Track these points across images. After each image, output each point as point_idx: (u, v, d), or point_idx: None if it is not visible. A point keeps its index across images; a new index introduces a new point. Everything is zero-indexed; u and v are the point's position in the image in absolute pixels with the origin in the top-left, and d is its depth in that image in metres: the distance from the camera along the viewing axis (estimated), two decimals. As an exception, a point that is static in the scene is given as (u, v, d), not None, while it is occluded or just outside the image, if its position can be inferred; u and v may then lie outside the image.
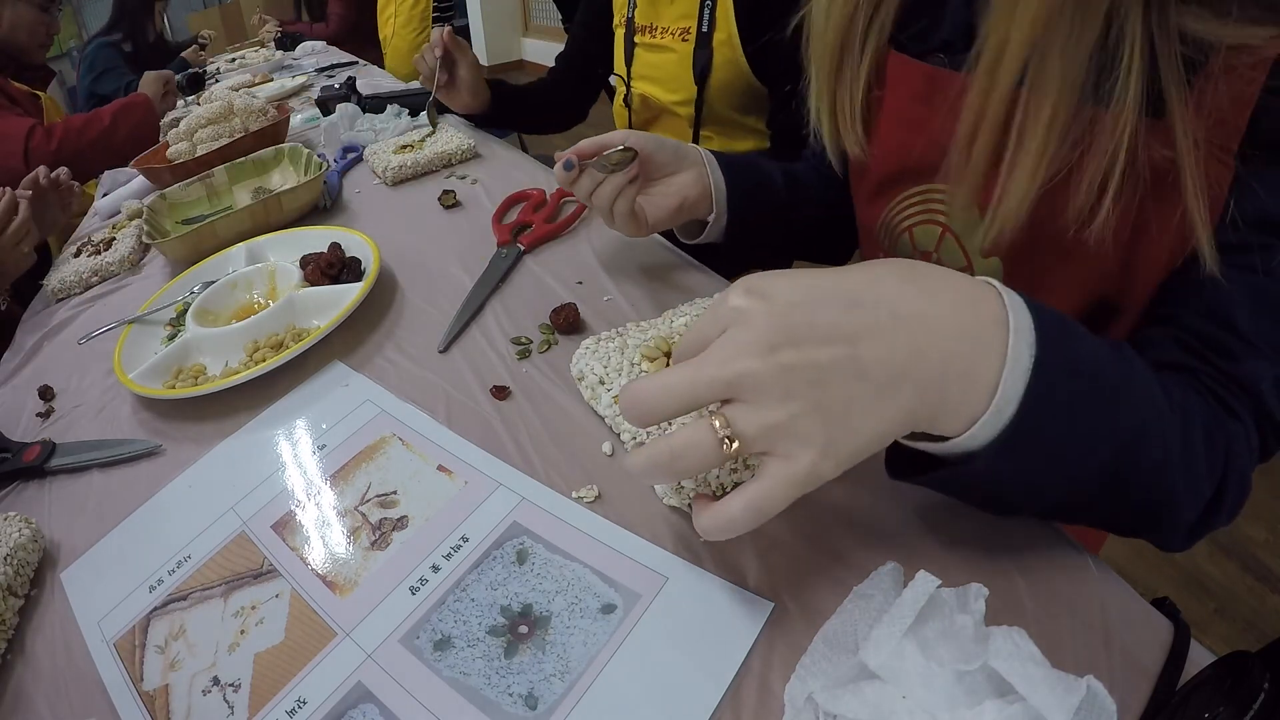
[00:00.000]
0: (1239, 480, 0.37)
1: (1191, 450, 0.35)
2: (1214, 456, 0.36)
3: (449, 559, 0.41)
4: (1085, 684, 0.26)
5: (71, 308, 0.83)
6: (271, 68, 2.01)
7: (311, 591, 0.41)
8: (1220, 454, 0.37)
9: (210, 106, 1.11)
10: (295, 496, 0.48)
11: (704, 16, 0.94)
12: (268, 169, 1.01)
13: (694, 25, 0.96)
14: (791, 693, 0.31)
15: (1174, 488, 0.35)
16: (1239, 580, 1.24)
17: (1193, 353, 0.39)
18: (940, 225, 0.51)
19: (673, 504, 0.41)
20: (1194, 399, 0.37)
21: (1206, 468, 0.36)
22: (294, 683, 0.37)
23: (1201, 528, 0.38)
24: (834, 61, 0.52)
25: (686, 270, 0.66)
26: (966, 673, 0.27)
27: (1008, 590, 0.36)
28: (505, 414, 0.51)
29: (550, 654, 0.36)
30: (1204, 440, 0.36)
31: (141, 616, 0.42)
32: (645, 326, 0.53)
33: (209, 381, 0.57)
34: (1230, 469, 0.37)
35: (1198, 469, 0.35)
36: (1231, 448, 0.37)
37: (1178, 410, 0.34)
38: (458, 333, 0.61)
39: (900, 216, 0.54)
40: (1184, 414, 0.35)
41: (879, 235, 0.57)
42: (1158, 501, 0.35)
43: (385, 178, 0.95)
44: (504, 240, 0.73)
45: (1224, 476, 0.37)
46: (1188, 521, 0.37)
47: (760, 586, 0.37)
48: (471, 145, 0.97)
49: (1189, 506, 0.36)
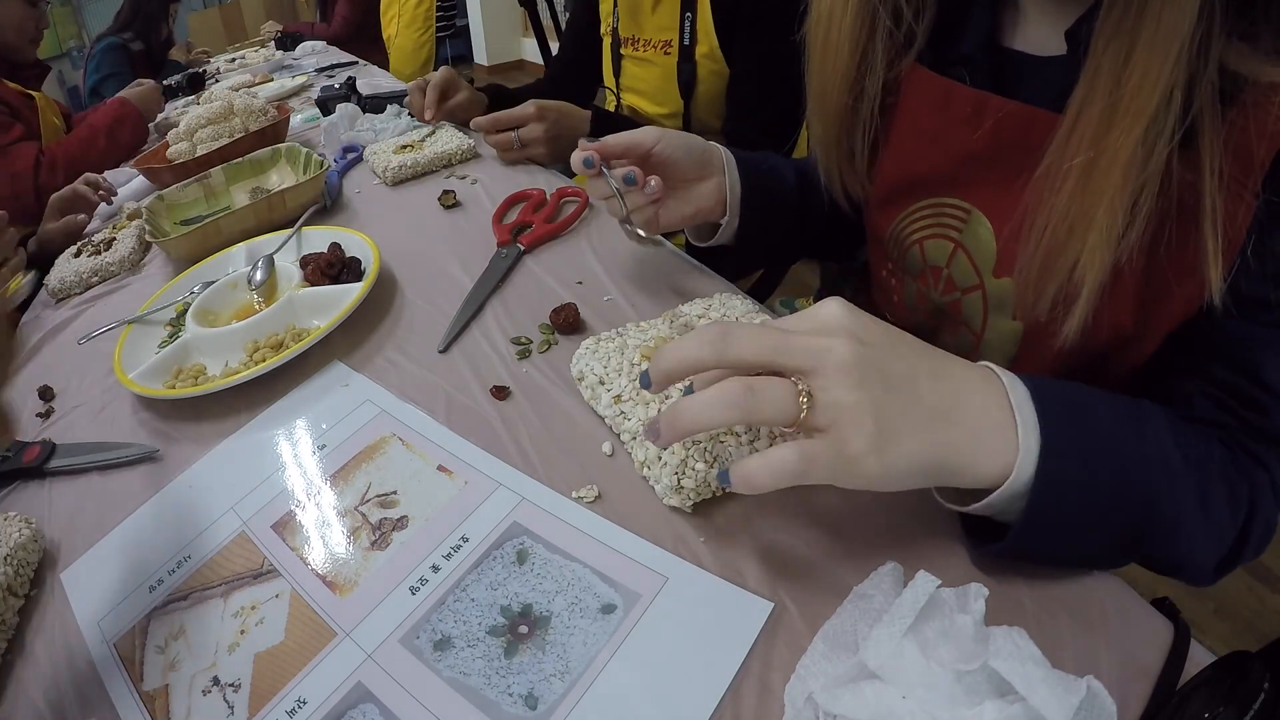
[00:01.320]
0: (1264, 524, 0.39)
1: (1209, 503, 0.37)
2: (1236, 504, 0.38)
3: (449, 559, 0.41)
4: (1085, 684, 0.26)
5: (72, 308, 0.83)
6: (271, 67, 2.01)
7: (311, 591, 0.41)
8: (1243, 502, 0.38)
9: (210, 106, 1.11)
10: (295, 496, 0.48)
11: (685, 29, 0.94)
12: (265, 169, 1.01)
13: (675, 38, 0.96)
14: (791, 693, 0.31)
15: (1192, 539, 0.37)
16: (1239, 580, 1.24)
17: (1221, 406, 0.40)
18: (953, 241, 0.50)
19: (673, 504, 0.41)
20: (1216, 450, 0.39)
21: (1229, 516, 0.38)
22: (294, 683, 0.37)
23: (1227, 566, 0.40)
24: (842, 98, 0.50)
25: (687, 270, 0.66)
26: (966, 672, 0.27)
27: (1008, 590, 0.36)
28: (505, 414, 0.51)
29: (550, 654, 0.36)
30: (1226, 492, 0.37)
31: (141, 616, 0.42)
32: (645, 326, 0.53)
33: (209, 381, 0.57)
34: (1255, 514, 0.39)
35: (1218, 519, 0.37)
36: (1256, 495, 0.39)
37: (1193, 466, 0.36)
38: (458, 333, 0.61)
39: (911, 228, 0.53)
40: (1201, 469, 0.36)
41: (888, 244, 0.56)
42: (1178, 552, 0.37)
43: (385, 178, 0.95)
44: (504, 240, 0.73)
45: (1248, 520, 0.38)
46: (1209, 565, 0.39)
47: (760, 586, 0.37)
48: (472, 145, 0.97)
49: (1210, 553, 0.38)
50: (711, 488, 0.41)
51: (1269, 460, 0.39)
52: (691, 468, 0.40)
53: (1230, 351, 0.39)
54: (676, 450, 0.41)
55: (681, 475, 0.40)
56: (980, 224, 0.47)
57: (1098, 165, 0.35)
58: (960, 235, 0.49)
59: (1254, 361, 0.39)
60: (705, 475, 0.40)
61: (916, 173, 0.51)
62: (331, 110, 1.24)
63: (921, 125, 0.49)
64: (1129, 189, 0.35)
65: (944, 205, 0.50)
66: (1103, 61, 0.34)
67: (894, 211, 0.54)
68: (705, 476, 0.40)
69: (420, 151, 0.97)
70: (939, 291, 0.52)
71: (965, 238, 0.49)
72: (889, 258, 0.57)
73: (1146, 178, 0.35)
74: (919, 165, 0.50)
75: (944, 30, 0.48)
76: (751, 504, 0.42)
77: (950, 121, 0.46)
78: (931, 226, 0.51)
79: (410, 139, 1.01)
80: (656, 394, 0.40)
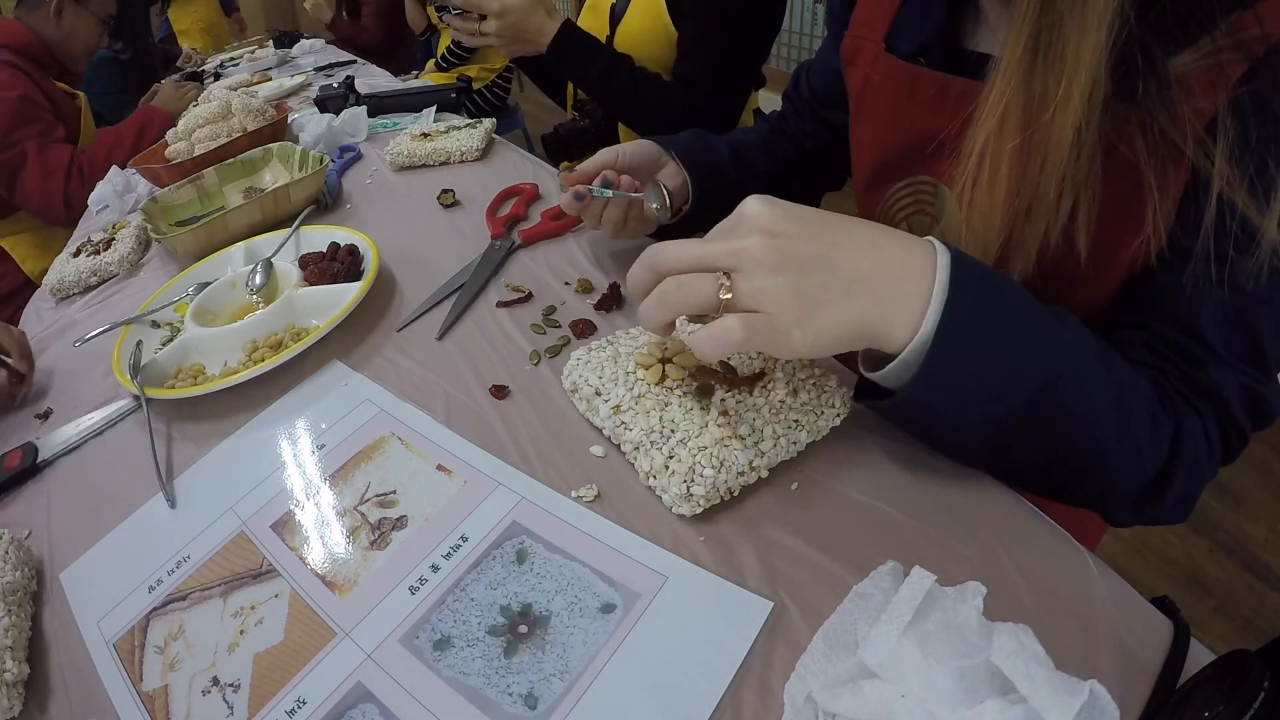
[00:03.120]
0: (1190, 469, 0.39)
1: (1128, 416, 0.38)
2: (1159, 433, 0.39)
3: (448, 559, 0.41)
4: (1088, 687, 0.25)
5: (74, 309, 0.83)
6: (270, 64, 2.01)
7: (311, 591, 0.41)
8: (1166, 433, 0.39)
9: (208, 106, 1.11)
10: (294, 496, 0.48)
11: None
12: (258, 168, 1.00)
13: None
14: (791, 692, 0.31)
15: (1104, 446, 0.38)
16: (1239, 579, 1.24)
17: (1162, 357, 0.41)
18: (929, 216, 0.54)
19: (682, 513, 0.41)
20: (1144, 383, 0.40)
21: (1149, 440, 0.38)
22: (294, 683, 0.37)
23: (1147, 505, 0.41)
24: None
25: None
26: (967, 671, 0.27)
27: (1008, 590, 0.36)
28: (504, 413, 0.51)
29: (550, 653, 0.36)
30: (1147, 414, 0.39)
31: (141, 617, 0.42)
32: (635, 334, 0.52)
33: (208, 381, 0.57)
34: (1180, 454, 0.39)
35: (1136, 437, 0.38)
36: (1182, 434, 0.39)
37: (1117, 378, 0.38)
38: (452, 322, 0.62)
39: (896, 208, 0.57)
40: (1124, 384, 0.38)
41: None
42: (1086, 453, 0.38)
43: (394, 161, 0.98)
44: (498, 233, 0.74)
45: (1171, 458, 0.39)
46: (1128, 493, 0.40)
47: (760, 586, 0.37)
48: (478, 149, 0.98)
49: (1127, 476, 0.39)
50: (720, 493, 0.41)
51: (1203, 411, 0.40)
52: (700, 474, 0.40)
53: (1168, 305, 0.41)
54: (684, 458, 0.41)
55: (690, 483, 0.40)
56: (946, 197, 0.52)
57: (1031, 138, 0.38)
58: (933, 209, 0.54)
59: (1191, 314, 0.40)
60: (715, 480, 0.40)
61: (892, 156, 0.55)
62: (330, 110, 1.24)
63: (891, 111, 0.53)
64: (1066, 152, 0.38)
65: (918, 183, 0.54)
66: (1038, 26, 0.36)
67: (878, 194, 0.58)
68: (715, 482, 0.40)
69: (434, 142, 0.99)
70: None
71: (937, 211, 0.53)
72: None
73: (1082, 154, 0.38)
74: (893, 148, 0.54)
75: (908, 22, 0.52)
76: (752, 504, 0.42)
77: (918, 105, 0.50)
78: (912, 204, 0.56)
79: (434, 129, 1.04)
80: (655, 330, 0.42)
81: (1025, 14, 0.36)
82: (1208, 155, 0.36)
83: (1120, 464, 0.39)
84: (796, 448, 0.43)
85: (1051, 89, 0.36)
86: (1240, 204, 0.36)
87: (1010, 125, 0.38)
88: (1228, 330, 0.39)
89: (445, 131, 1.02)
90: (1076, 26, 0.34)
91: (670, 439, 0.42)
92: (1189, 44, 0.35)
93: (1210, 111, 0.36)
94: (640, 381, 0.46)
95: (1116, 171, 0.39)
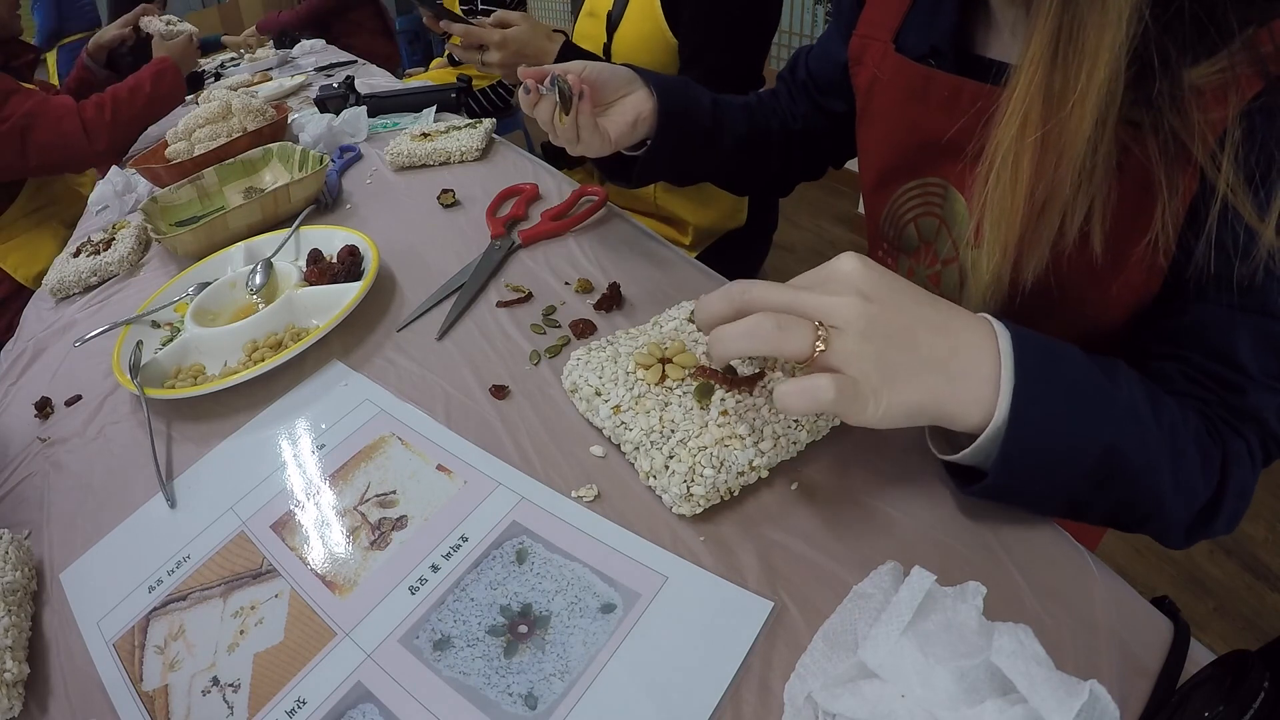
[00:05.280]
0: (1238, 490, 0.40)
1: (1181, 457, 0.38)
2: (1209, 468, 0.40)
3: (448, 559, 0.41)
4: (1088, 688, 0.25)
5: (74, 309, 0.83)
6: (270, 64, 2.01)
7: (311, 591, 0.41)
8: (1216, 463, 0.40)
9: (208, 106, 1.11)
10: (294, 496, 0.48)
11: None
12: (257, 168, 1.01)
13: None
14: (791, 692, 0.31)
15: (1162, 491, 0.38)
16: (1239, 579, 1.24)
17: (1203, 386, 0.42)
18: (937, 218, 0.54)
19: (682, 513, 0.41)
20: (1191, 417, 0.40)
21: (1201, 474, 0.39)
22: (294, 683, 0.37)
23: (1199, 529, 0.41)
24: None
25: (681, 268, 0.66)
26: (967, 671, 0.27)
27: (1008, 590, 0.36)
28: (504, 413, 0.51)
29: (550, 654, 0.36)
30: (1198, 451, 0.39)
31: (141, 617, 0.42)
32: (635, 334, 0.52)
33: (208, 381, 0.57)
34: (1228, 478, 0.40)
35: (1190, 474, 0.39)
36: (1230, 461, 0.40)
37: (1168, 420, 0.38)
38: (452, 321, 0.62)
39: (904, 209, 0.57)
40: (1175, 427, 0.38)
41: (883, 227, 0.60)
42: (1148, 501, 0.39)
43: (394, 161, 0.98)
44: (498, 233, 0.74)
45: (1221, 483, 0.40)
46: (1182, 521, 0.40)
47: (760, 586, 0.37)
48: (477, 149, 0.98)
49: (1181, 508, 0.40)
50: (720, 493, 0.41)
51: (1246, 432, 0.41)
52: (700, 474, 0.40)
53: (1204, 337, 0.41)
54: (684, 458, 0.41)
55: (691, 483, 0.40)
56: (956, 199, 0.52)
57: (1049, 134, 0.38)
58: (942, 211, 0.53)
59: (1228, 344, 0.40)
60: (715, 480, 0.40)
61: (902, 156, 0.55)
62: (330, 110, 1.24)
63: (901, 112, 0.53)
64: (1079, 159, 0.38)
65: (927, 184, 0.54)
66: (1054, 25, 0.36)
67: (886, 194, 0.58)
68: (714, 482, 0.40)
69: (433, 142, 0.99)
70: (925, 265, 0.57)
71: (945, 213, 0.53)
72: (884, 238, 0.61)
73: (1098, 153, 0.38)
74: (903, 149, 0.54)
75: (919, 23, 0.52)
76: (752, 504, 0.42)
77: (929, 106, 0.50)
78: (920, 205, 0.55)
79: (434, 129, 1.04)
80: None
81: (1048, 9, 0.36)
82: (1217, 165, 0.36)
83: (1176, 501, 0.39)
84: (796, 448, 0.43)
85: (1071, 84, 0.36)
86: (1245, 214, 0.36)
87: (1032, 124, 0.38)
88: (1265, 356, 0.40)
89: (445, 131, 1.02)
90: (1097, 21, 0.34)
91: (670, 439, 0.42)
92: (1206, 55, 0.36)
93: (1222, 124, 0.36)
94: (640, 381, 0.46)
95: (1128, 171, 0.39)
